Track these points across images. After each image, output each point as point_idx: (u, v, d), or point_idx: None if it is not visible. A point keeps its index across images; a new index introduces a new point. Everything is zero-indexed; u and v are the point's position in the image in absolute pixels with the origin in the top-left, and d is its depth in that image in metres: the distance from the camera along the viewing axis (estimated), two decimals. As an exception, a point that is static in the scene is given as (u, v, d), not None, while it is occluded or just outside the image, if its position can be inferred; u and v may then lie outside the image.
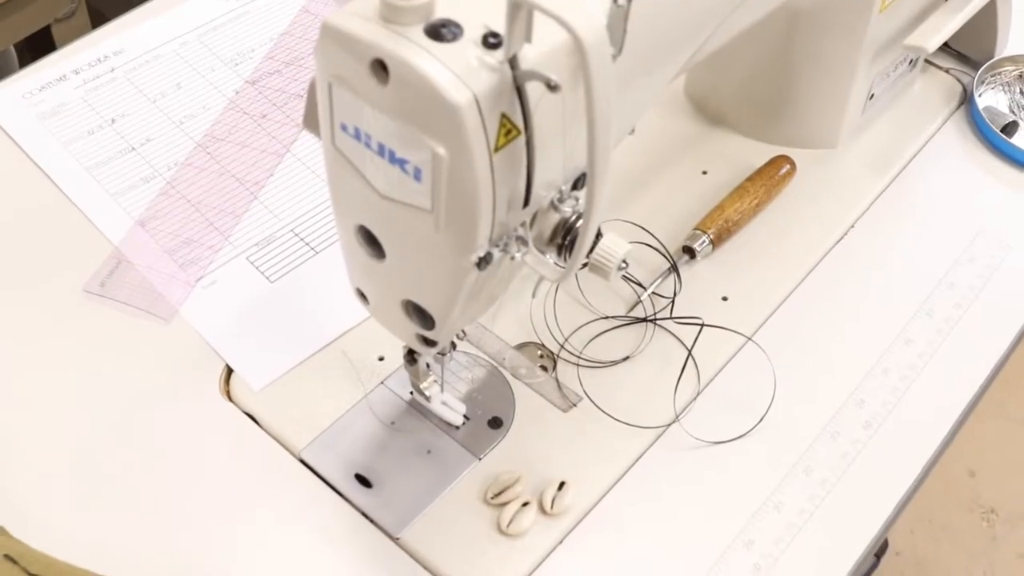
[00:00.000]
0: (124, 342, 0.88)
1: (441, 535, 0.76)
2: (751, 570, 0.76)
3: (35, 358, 0.86)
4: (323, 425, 0.81)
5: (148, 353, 0.87)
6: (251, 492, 0.80)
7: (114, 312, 0.87)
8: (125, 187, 0.95)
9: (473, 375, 0.83)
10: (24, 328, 0.88)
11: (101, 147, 0.98)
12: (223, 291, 0.88)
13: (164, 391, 0.85)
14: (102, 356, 0.87)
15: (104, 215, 0.92)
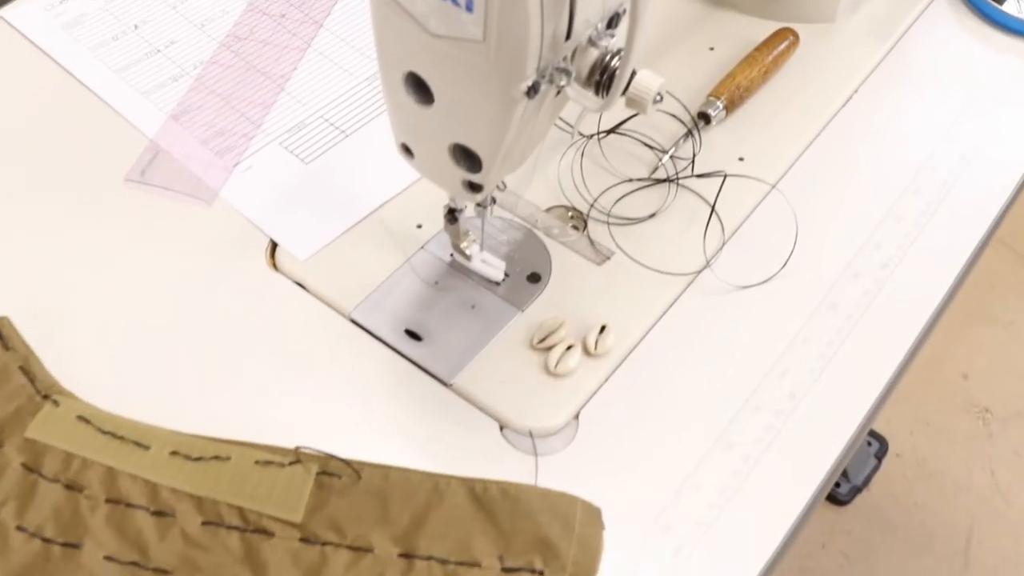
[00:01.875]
0: (169, 225, 0.92)
1: (492, 379, 0.80)
2: (787, 397, 0.80)
3: (84, 246, 0.90)
4: (369, 289, 0.85)
5: (193, 234, 0.91)
6: (306, 353, 0.84)
7: (157, 198, 0.91)
8: (154, 86, 0.98)
9: (509, 237, 0.88)
10: (72, 219, 0.91)
11: (126, 51, 1.02)
12: (260, 174, 0.92)
13: (213, 268, 0.89)
14: (149, 240, 0.91)
15: (137, 112, 0.96)
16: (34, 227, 0.90)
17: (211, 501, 0.71)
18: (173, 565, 0.69)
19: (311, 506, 0.71)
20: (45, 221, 0.91)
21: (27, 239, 0.90)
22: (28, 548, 0.69)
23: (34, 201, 0.92)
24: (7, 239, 0.89)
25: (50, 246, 0.90)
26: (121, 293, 0.87)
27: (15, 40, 1.02)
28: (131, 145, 0.97)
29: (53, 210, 0.92)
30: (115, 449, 0.74)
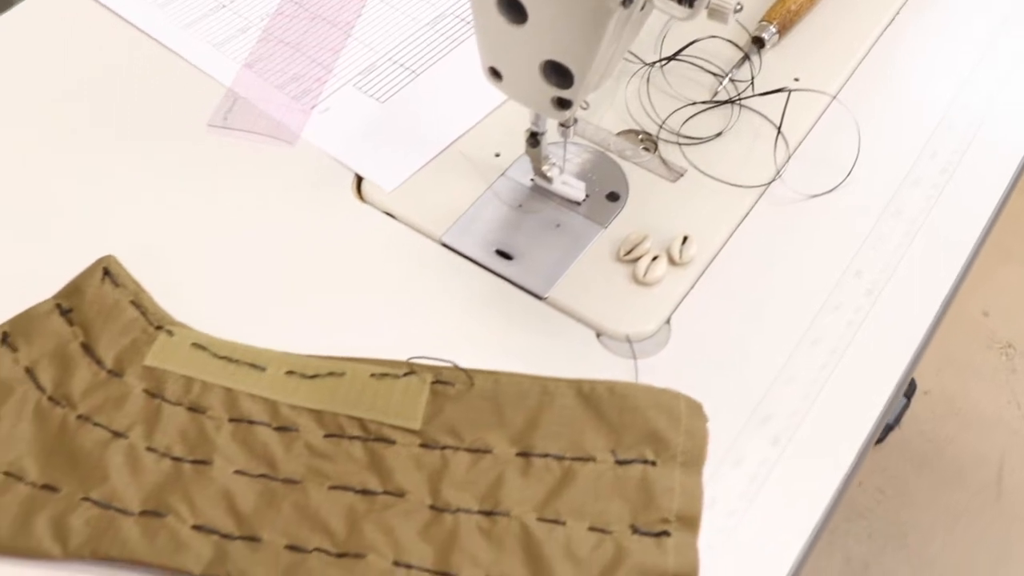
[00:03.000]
0: (256, 166, 0.94)
1: (584, 291, 0.83)
2: (864, 294, 0.83)
3: (177, 188, 0.92)
4: (455, 215, 0.88)
5: (280, 173, 0.94)
6: (400, 277, 0.87)
7: (241, 141, 0.94)
8: (224, 39, 1.01)
9: (584, 160, 0.91)
10: (163, 165, 0.94)
11: (192, 7, 1.04)
12: (338, 115, 0.94)
13: (301, 203, 0.92)
14: (238, 180, 0.94)
15: (211, 63, 0.98)
16: (129, 175, 0.93)
17: (331, 414, 0.74)
18: (302, 475, 0.71)
19: (428, 414, 0.73)
20: (139, 169, 0.94)
21: (124, 186, 0.92)
22: (160, 467, 0.71)
23: (126, 151, 0.95)
24: (106, 187, 0.91)
25: (146, 191, 0.92)
26: (216, 231, 0.90)
27: (90, 7, 1.03)
28: (209, 94, 0.99)
29: (145, 158, 0.95)
30: (232, 372, 0.76)
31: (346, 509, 0.69)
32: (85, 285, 0.79)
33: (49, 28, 1.03)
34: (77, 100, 0.98)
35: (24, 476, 0.70)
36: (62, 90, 0.99)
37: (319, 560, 0.66)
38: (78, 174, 0.92)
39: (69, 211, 0.90)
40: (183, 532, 0.68)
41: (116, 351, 0.77)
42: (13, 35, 1.03)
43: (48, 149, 0.94)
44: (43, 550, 0.68)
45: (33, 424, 0.73)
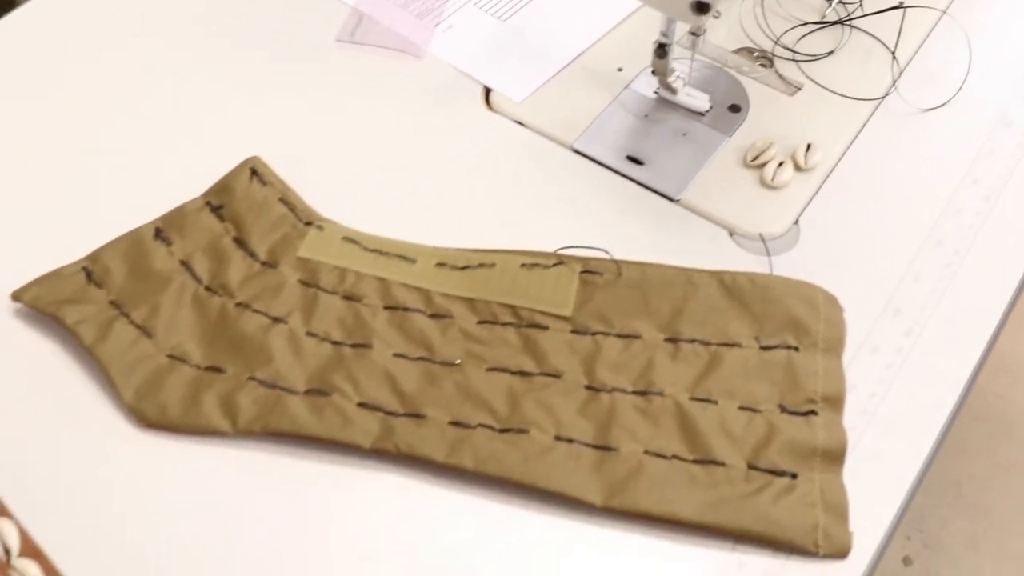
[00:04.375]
0: (385, 79, 0.95)
1: (715, 193, 0.84)
2: (982, 200, 0.84)
3: (311, 99, 0.94)
4: (583, 125, 0.89)
5: (409, 86, 0.95)
6: (535, 181, 0.88)
7: (368, 57, 0.95)
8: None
9: (704, 75, 0.92)
10: (291, 80, 0.95)
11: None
12: (462, 31, 0.95)
13: (432, 113, 0.93)
14: (368, 93, 0.95)
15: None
16: (266, 88, 0.94)
17: (483, 302, 0.75)
18: (459, 357, 0.72)
19: (578, 301, 0.75)
20: (274, 83, 0.95)
21: (262, 98, 0.93)
22: (320, 351, 0.72)
23: (261, 65, 0.97)
24: (250, 101, 0.93)
25: (282, 103, 0.93)
26: (351, 141, 0.91)
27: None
28: (334, 14, 1.01)
29: (278, 73, 0.96)
30: (383, 264, 0.77)
31: (505, 389, 0.70)
32: (234, 183, 0.80)
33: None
34: (219, 22, 1.00)
35: (188, 359, 0.71)
36: (206, 8, 0.99)
37: (484, 435, 0.67)
38: (219, 89, 0.94)
39: (212, 121, 0.91)
40: (349, 409, 0.68)
41: (268, 245, 0.77)
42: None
43: (190, 66, 0.96)
44: (213, 426, 0.68)
45: (193, 311, 0.74)
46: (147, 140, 0.88)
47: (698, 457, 0.67)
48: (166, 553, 0.66)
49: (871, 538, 0.68)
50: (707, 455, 0.67)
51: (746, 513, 0.65)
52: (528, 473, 0.65)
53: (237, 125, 0.89)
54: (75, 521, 0.66)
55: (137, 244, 0.76)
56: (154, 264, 0.75)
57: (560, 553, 0.67)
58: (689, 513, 0.65)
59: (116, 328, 0.72)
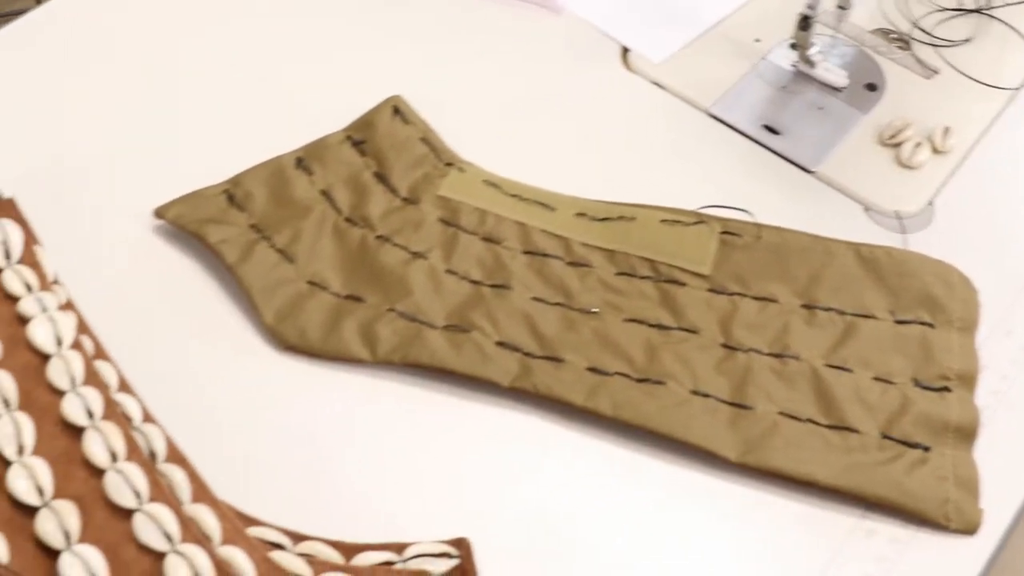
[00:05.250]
0: (524, 33, 0.96)
1: (850, 169, 0.83)
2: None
3: (447, 50, 0.95)
4: (720, 91, 0.89)
5: (548, 41, 0.95)
6: (670, 143, 0.88)
7: (511, 9, 0.96)
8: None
9: (843, 52, 0.91)
10: (433, 28, 0.96)
11: None
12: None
13: (570, 69, 0.93)
14: (508, 46, 0.95)
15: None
16: (411, 33, 0.96)
17: (622, 254, 0.74)
18: (597, 306, 0.71)
19: (716, 261, 0.74)
20: (418, 28, 0.96)
21: (406, 44, 0.94)
22: (460, 288, 0.72)
23: (408, 16, 0.98)
24: (392, 44, 0.94)
25: (425, 47, 0.95)
26: (488, 88, 0.91)
27: None
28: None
29: (423, 20, 0.97)
30: (523, 209, 0.77)
31: (643, 340, 0.69)
32: (377, 120, 0.80)
33: None
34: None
35: (328, 286, 0.71)
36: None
37: (621, 383, 0.67)
38: (362, 32, 0.95)
39: (354, 61, 0.92)
40: (488, 347, 0.68)
41: (409, 182, 0.77)
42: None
43: (339, 7, 0.97)
44: (352, 353, 0.68)
45: (333, 241, 0.73)
46: (291, 75, 0.89)
47: (832, 423, 0.66)
48: (299, 471, 0.66)
49: (1001, 516, 0.67)
50: (841, 421, 0.66)
51: (879, 481, 0.64)
52: (665, 423, 0.65)
53: (379, 66, 0.90)
54: (213, 435, 0.66)
55: (279, 172, 0.76)
56: (295, 192, 0.75)
57: (685, 506, 0.67)
58: (824, 476, 0.64)
59: (258, 250, 0.71)
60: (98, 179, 0.79)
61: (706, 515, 0.66)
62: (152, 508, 0.56)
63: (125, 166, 0.80)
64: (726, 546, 0.65)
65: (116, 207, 0.77)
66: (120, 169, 0.80)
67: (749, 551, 0.64)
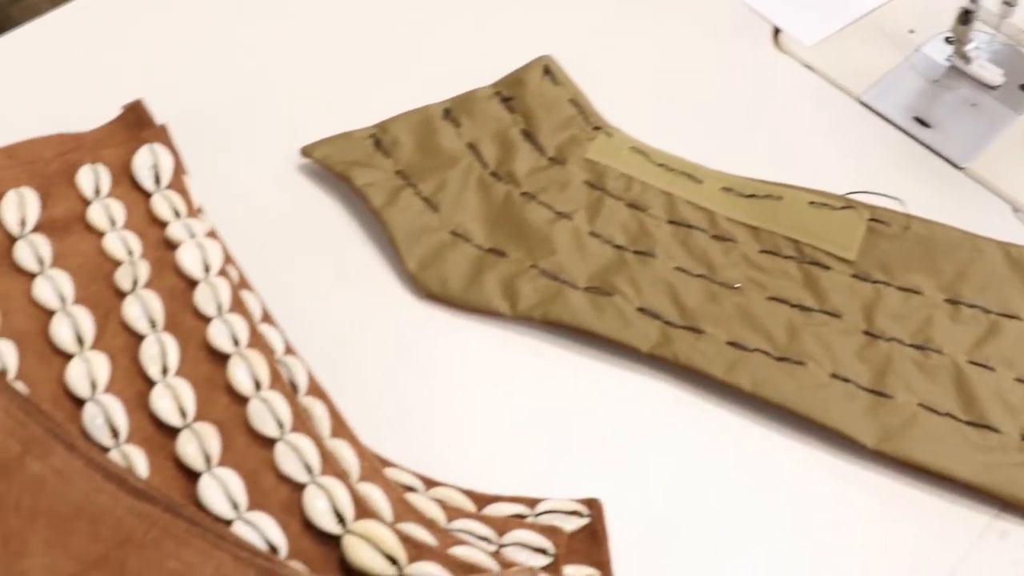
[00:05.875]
0: (675, 8, 0.95)
1: (1002, 168, 0.82)
2: None
3: (595, 15, 0.94)
4: (872, 78, 0.87)
5: (699, 17, 0.94)
6: (816, 127, 0.87)
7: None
8: None
9: (997, 50, 0.89)
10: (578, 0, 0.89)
11: None
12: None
13: (719, 45, 0.92)
14: (658, 17, 0.95)
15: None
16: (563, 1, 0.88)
17: (767, 232, 0.73)
18: (740, 281, 0.70)
19: (862, 248, 0.73)
20: None
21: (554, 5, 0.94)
22: (603, 252, 0.71)
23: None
24: (541, 4, 0.94)
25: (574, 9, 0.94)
26: (636, 57, 0.91)
27: None
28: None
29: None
30: (670, 179, 0.76)
31: (785, 319, 0.68)
32: (526, 78, 0.79)
33: None
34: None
35: (471, 238, 0.70)
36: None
37: (761, 360, 0.65)
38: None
39: (505, 18, 0.92)
40: (629, 311, 0.67)
41: (557, 142, 0.76)
42: None
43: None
44: (493, 306, 0.67)
45: (477, 194, 0.73)
46: (443, 29, 0.89)
47: (972, 419, 0.65)
48: (433, 418, 0.66)
49: None
50: (982, 419, 0.65)
51: (1018, 482, 0.62)
52: (804, 404, 0.64)
53: (530, 27, 0.89)
54: (347, 374, 0.66)
55: (426, 121, 0.75)
56: (442, 143, 0.74)
57: (816, 489, 0.66)
58: (963, 472, 0.63)
59: (403, 196, 0.71)
60: (247, 115, 0.79)
61: (836, 500, 0.65)
62: (294, 439, 0.55)
63: (274, 104, 0.81)
64: (854, 533, 0.64)
65: (263, 144, 0.77)
66: (269, 107, 0.80)
67: (877, 541, 0.64)
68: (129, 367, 0.58)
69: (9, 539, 0.49)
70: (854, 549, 0.63)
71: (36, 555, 0.49)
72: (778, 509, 0.64)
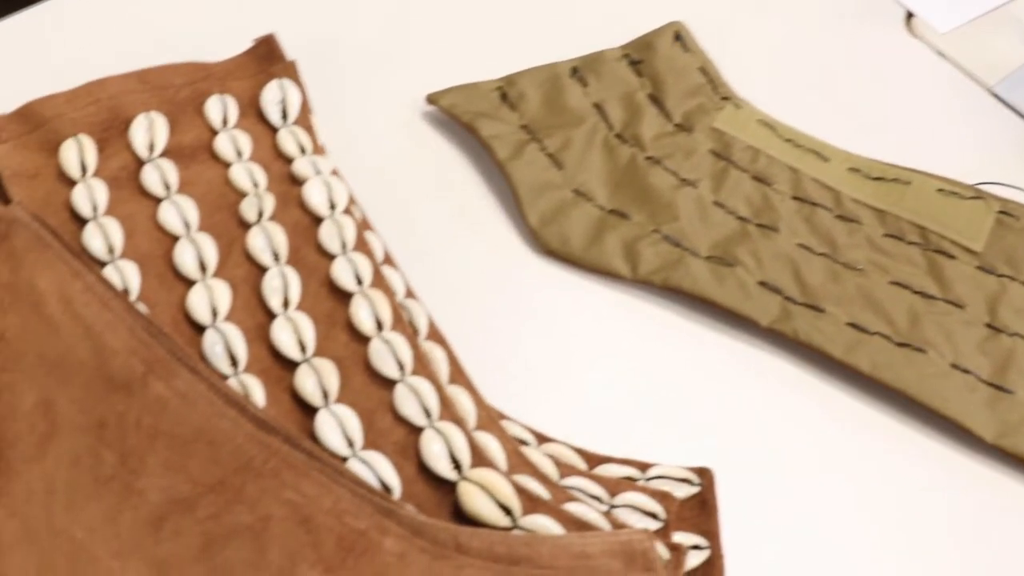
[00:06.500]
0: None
1: None
2: None
3: None
4: (1005, 72, 0.85)
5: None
6: (941, 115, 0.85)
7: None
8: None
9: None
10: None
11: None
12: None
13: (852, 27, 0.91)
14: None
15: None
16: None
17: (893, 216, 0.71)
18: (863, 263, 0.68)
19: (989, 240, 0.71)
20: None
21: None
22: (726, 222, 0.69)
23: None
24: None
25: None
26: (765, 34, 0.90)
27: None
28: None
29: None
30: (797, 155, 0.74)
31: (907, 305, 0.66)
32: (656, 43, 0.78)
33: None
34: None
35: (593, 198, 0.69)
36: None
37: (881, 343, 0.64)
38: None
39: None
40: (750, 284, 0.66)
41: (684, 109, 0.75)
42: None
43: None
44: (613, 268, 0.66)
45: (602, 154, 0.71)
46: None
47: (1094, 421, 0.62)
48: (545, 374, 0.65)
49: None
50: (1103, 421, 0.62)
51: None
52: (923, 391, 0.62)
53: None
54: (462, 324, 0.65)
55: (553, 78, 0.74)
56: (568, 101, 0.73)
57: (926, 478, 0.65)
58: None
59: (528, 151, 0.70)
60: (374, 59, 0.78)
61: (949, 492, 0.65)
62: (414, 381, 0.55)
63: (402, 49, 0.80)
64: (966, 527, 0.64)
65: (388, 89, 0.77)
66: (397, 52, 0.79)
67: (990, 536, 0.63)
68: (250, 298, 0.57)
69: (127, 457, 0.48)
70: (965, 542, 0.63)
71: (153, 475, 0.48)
72: (888, 495, 0.63)
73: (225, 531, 0.48)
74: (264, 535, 0.48)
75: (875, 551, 0.61)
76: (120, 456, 0.49)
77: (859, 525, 0.62)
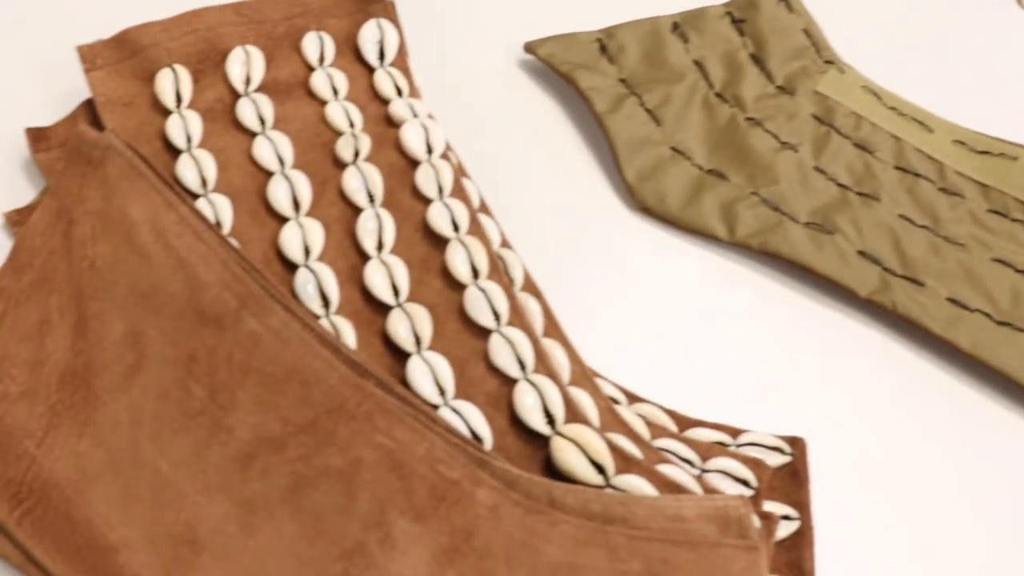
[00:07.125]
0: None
1: None
2: None
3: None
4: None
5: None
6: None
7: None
8: None
9: None
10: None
11: None
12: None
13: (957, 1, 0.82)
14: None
15: None
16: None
17: (998, 192, 0.68)
18: (964, 239, 0.65)
19: (1092, 221, 0.67)
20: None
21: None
22: (827, 188, 0.67)
23: None
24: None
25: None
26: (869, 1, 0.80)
27: None
28: None
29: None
30: (900, 124, 0.72)
31: (1009, 283, 0.64)
32: (760, 2, 0.76)
33: None
34: None
35: (691, 157, 0.67)
36: None
37: (981, 321, 0.62)
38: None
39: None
40: (849, 253, 0.63)
41: (787, 71, 0.73)
42: None
43: None
44: (710, 228, 0.64)
45: (701, 113, 0.69)
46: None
47: None
48: (637, 332, 0.64)
49: None
50: None
51: None
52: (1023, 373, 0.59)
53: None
54: (557, 278, 0.63)
55: (654, 32, 0.72)
56: (669, 56, 0.71)
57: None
58: None
59: (627, 105, 0.68)
60: (472, 4, 0.77)
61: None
62: (509, 332, 0.53)
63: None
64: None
65: (486, 36, 0.75)
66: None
67: None
68: (343, 239, 0.56)
69: (217, 392, 0.47)
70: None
71: (243, 412, 0.47)
72: (983, 475, 0.62)
73: (315, 473, 0.46)
74: (355, 479, 0.46)
75: (967, 530, 0.59)
76: (209, 391, 0.47)
77: (952, 504, 0.60)
